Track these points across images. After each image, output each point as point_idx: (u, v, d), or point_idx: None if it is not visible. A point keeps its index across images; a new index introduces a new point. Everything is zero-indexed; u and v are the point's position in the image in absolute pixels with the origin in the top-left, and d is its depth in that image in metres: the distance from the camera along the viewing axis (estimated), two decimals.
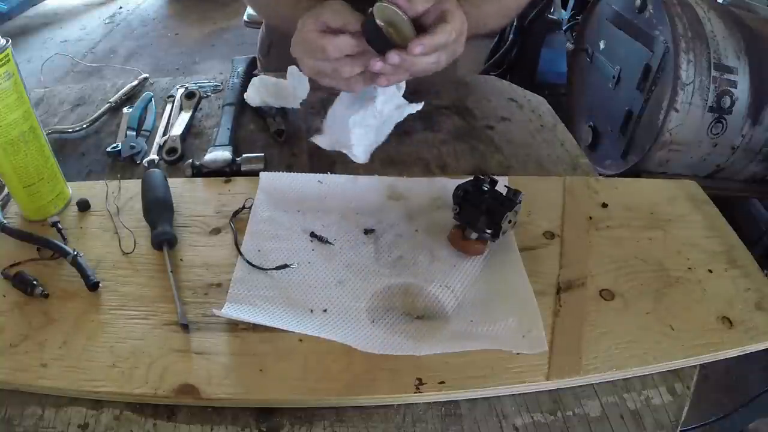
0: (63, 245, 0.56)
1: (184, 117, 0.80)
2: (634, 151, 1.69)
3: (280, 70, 0.92)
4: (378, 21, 0.53)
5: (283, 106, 0.81)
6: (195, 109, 0.83)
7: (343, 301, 0.54)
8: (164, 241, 0.57)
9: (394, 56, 0.54)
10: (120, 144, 0.74)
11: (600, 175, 0.77)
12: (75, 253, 0.55)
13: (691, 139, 1.56)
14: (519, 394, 0.49)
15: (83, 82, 0.96)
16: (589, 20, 1.94)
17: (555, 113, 0.89)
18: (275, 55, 1.03)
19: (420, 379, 0.47)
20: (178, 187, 0.66)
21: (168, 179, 0.64)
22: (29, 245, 0.57)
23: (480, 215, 0.57)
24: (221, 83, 0.90)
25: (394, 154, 0.76)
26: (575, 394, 0.49)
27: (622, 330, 0.53)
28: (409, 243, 0.60)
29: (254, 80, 0.82)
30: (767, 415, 1.29)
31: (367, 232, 0.61)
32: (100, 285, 0.53)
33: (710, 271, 0.60)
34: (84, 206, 0.63)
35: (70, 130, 0.78)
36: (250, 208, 0.63)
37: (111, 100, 0.83)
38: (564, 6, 2.38)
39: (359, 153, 0.64)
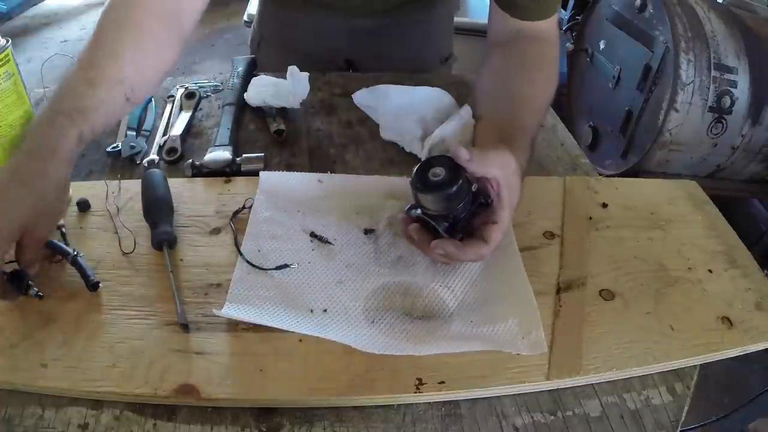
0: (63, 245, 0.56)
1: (184, 117, 0.80)
2: (634, 151, 1.69)
3: (270, 67, 0.92)
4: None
5: (283, 106, 0.81)
6: (195, 109, 0.83)
7: (343, 301, 0.54)
8: (164, 241, 0.57)
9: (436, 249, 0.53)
10: (120, 144, 0.74)
11: (600, 175, 0.77)
12: (75, 252, 0.54)
13: (691, 139, 1.57)
14: (519, 394, 0.49)
15: None
16: (589, 20, 1.94)
17: (555, 113, 0.89)
18: (265, 52, 1.03)
19: (420, 379, 0.47)
20: (178, 187, 0.66)
21: (168, 179, 0.64)
22: None
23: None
24: (221, 83, 0.90)
25: (394, 155, 0.76)
26: (575, 394, 0.49)
27: (622, 330, 0.53)
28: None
29: (254, 80, 0.82)
30: (767, 415, 1.29)
31: (367, 232, 0.61)
32: (100, 285, 0.53)
33: (710, 271, 0.60)
34: (84, 206, 0.63)
35: None
36: (250, 208, 0.63)
37: None
38: (564, 6, 2.38)
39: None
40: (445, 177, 0.52)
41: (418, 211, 0.53)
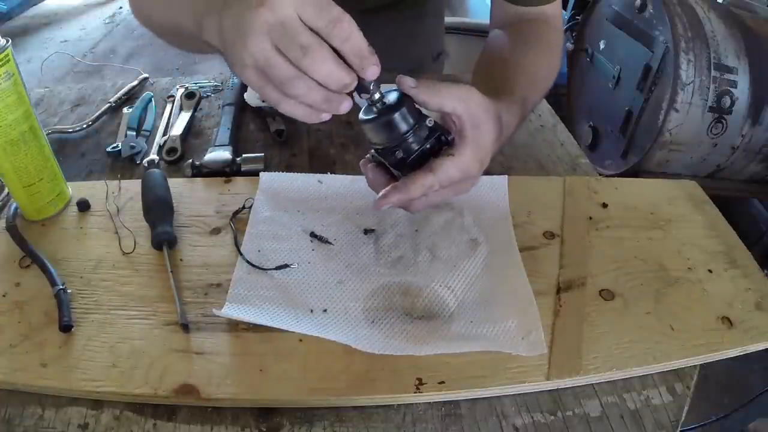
0: (55, 275, 0.54)
1: (184, 117, 0.80)
2: (634, 151, 1.69)
3: None
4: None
5: None
6: (195, 109, 0.83)
7: (343, 301, 0.54)
8: (164, 241, 0.57)
9: (391, 195, 0.48)
10: (120, 144, 0.74)
11: (600, 175, 0.77)
12: (63, 287, 0.53)
13: (691, 139, 1.57)
14: (519, 394, 0.49)
15: (83, 82, 0.96)
16: (589, 20, 1.94)
17: (555, 113, 0.89)
18: None
19: (420, 379, 0.47)
20: (178, 187, 0.66)
21: (168, 179, 0.64)
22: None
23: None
24: (221, 83, 0.90)
25: None
26: (575, 394, 0.49)
27: (622, 330, 0.53)
28: (409, 243, 0.60)
29: None
30: (767, 415, 1.30)
31: (367, 232, 0.61)
32: (72, 329, 0.50)
33: (710, 271, 0.60)
34: (84, 206, 0.63)
35: (70, 130, 0.78)
36: (250, 208, 0.63)
37: (111, 100, 0.83)
38: (564, 6, 2.38)
39: None
40: (387, 105, 0.48)
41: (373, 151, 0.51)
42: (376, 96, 0.47)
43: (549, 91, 0.72)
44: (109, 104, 0.83)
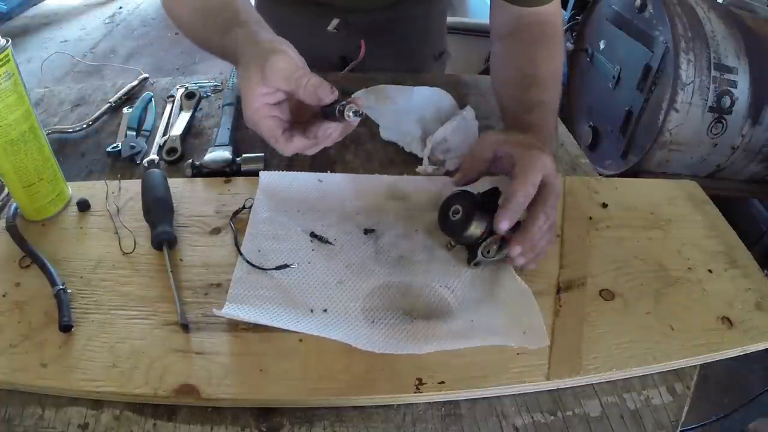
0: (55, 275, 0.54)
1: (184, 117, 0.80)
2: (634, 151, 1.69)
3: None
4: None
5: None
6: (195, 109, 0.83)
7: (343, 301, 0.54)
8: (164, 241, 0.57)
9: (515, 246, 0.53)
10: (120, 144, 0.74)
11: (600, 175, 0.77)
12: (63, 287, 0.53)
13: (691, 139, 1.57)
14: (519, 394, 0.49)
15: (83, 82, 0.96)
16: (589, 20, 1.94)
17: None
18: None
19: (420, 379, 0.47)
20: (178, 187, 0.66)
21: (168, 179, 0.64)
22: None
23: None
24: (221, 83, 0.90)
25: (394, 155, 0.76)
26: (575, 394, 0.49)
27: (622, 330, 0.53)
28: (409, 243, 0.60)
29: None
30: (767, 415, 1.30)
31: (367, 231, 0.61)
32: (72, 329, 0.50)
33: (710, 271, 0.60)
34: (84, 206, 0.63)
35: (70, 130, 0.78)
36: (250, 208, 0.63)
37: (111, 100, 0.83)
38: (564, 6, 2.38)
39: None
40: (462, 215, 0.56)
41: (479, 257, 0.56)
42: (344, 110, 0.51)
43: None
44: (109, 104, 0.83)
